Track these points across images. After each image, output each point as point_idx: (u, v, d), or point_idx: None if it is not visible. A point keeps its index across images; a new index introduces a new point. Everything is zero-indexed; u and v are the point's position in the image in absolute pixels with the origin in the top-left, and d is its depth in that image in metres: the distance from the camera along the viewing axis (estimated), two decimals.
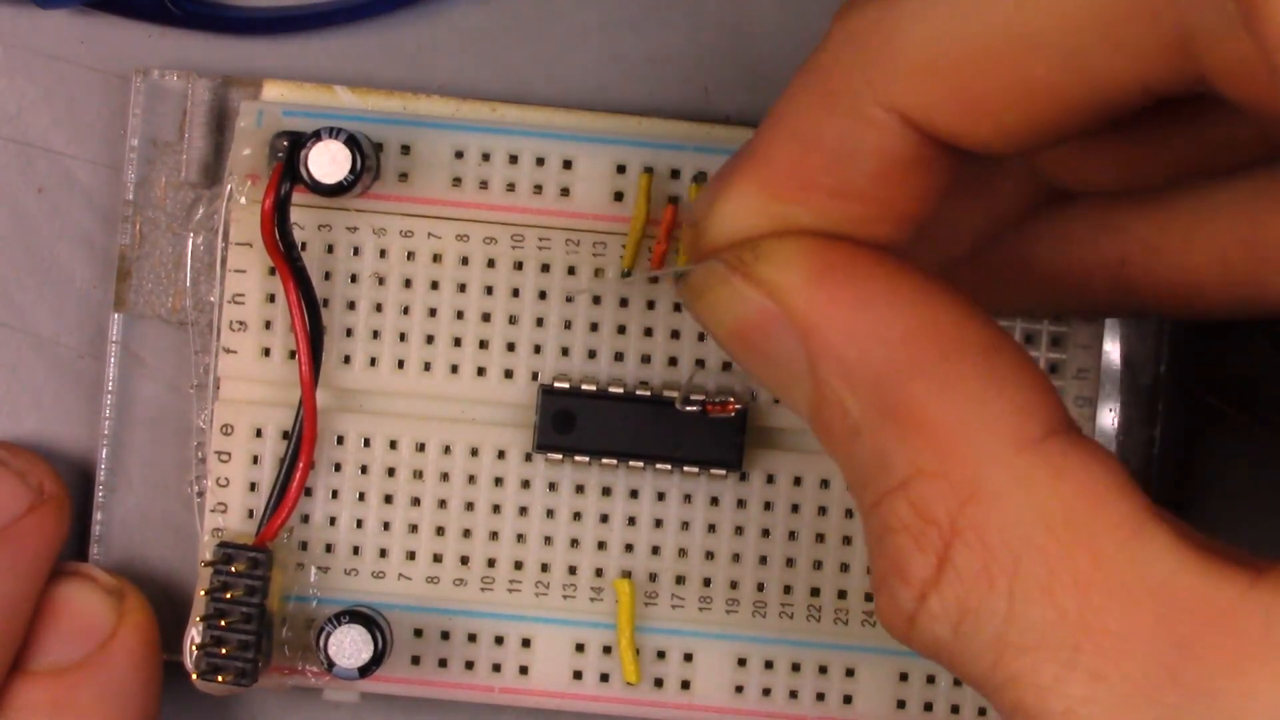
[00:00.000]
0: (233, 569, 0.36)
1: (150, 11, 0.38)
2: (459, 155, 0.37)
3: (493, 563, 0.38)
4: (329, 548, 0.38)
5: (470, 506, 0.38)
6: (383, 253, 0.37)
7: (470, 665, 0.38)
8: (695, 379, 0.37)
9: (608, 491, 0.38)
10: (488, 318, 0.38)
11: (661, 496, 0.38)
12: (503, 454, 0.38)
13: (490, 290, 0.37)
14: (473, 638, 0.38)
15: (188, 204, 0.38)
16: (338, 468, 0.38)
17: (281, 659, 0.37)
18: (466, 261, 0.37)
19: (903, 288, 0.28)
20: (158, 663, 0.37)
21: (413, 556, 0.38)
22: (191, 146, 0.38)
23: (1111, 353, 0.38)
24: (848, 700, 0.38)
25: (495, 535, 0.38)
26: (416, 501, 0.38)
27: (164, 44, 0.39)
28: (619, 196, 0.37)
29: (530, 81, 0.39)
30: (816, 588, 0.38)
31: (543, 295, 0.37)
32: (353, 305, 0.38)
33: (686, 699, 0.38)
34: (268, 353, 0.38)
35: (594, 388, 0.37)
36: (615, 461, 0.37)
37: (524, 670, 0.38)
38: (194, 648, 0.37)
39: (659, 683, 0.38)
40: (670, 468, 0.37)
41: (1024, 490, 0.27)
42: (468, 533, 0.38)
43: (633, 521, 0.38)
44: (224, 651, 0.36)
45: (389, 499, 0.38)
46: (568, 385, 0.37)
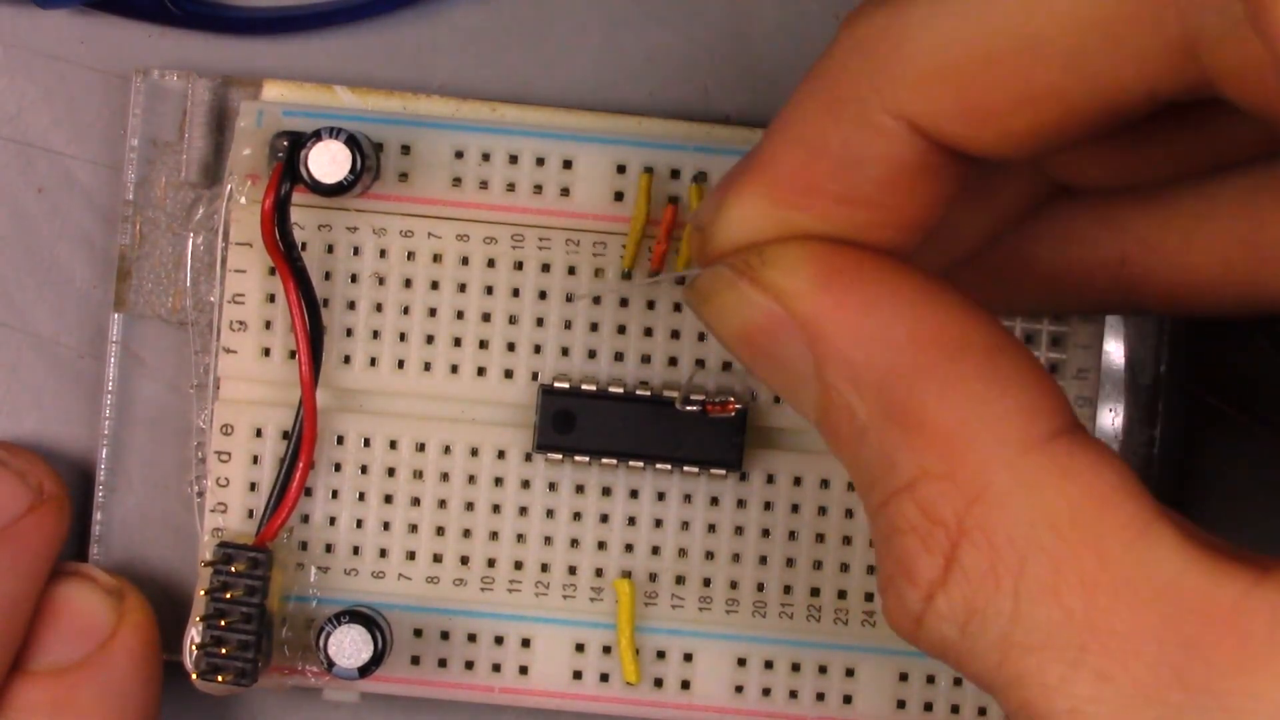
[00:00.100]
0: (233, 569, 0.36)
1: (150, 11, 0.38)
2: (459, 155, 0.37)
3: (492, 563, 0.38)
4: (329, 548, 0.38)
5: (470, 506, 0.38)
6: (383, 253, 0.37)
7: (470, 665, 0.38)
8: (695, 379, 0.37)
9: (608, 491, 0.38)
10: (488, 318, 0.38)
11: (661, 496, 0.38)
12: (503, 454, 0.38)
13: (490, 290, 0.37)
14: (472, 638, 0.38)
15: (188, 204, 0.38)
16: (338, 468, 0.38)
17: (281, 659, 0.37)
18: (466, 261, 0.37)
19: (907, 291, 0.28)
20: (158, 663, 0.37)
21: (413, 556, 0.38)
22: (191, 146, 0.38)
23: (1112, 353, 0.38)
24: (848, 700, 0.38)
25: (495, 535, 0.38)
26: (416, 501, 0.38)
27: (164, 44, 0.39)
28: (619, 196, 0.37)
29: (530, 81, 0.39)
30: (816, 588, 0.38)
31: (543, 295, 0.37)
32: (353, 305, 0.37)
33: (686, 699, 0.38)
34: (268, 353, 0.37)
35: (594, 388, 0.37)
36: (615, 461, 0.37)
37: (524, 670, 0.38)
38: (194, 648, 0.37)
39: (659, 683, 0.38)
40: (670, 468, 0.37)
41: (1030, 491, 0.27)
42: (468, 533, 0.38)
43: (633, 521, 0.38)
44: (224, 651, 0.36)
45: (389, 499, 0.38)
46: (568, 385, 0.37)
